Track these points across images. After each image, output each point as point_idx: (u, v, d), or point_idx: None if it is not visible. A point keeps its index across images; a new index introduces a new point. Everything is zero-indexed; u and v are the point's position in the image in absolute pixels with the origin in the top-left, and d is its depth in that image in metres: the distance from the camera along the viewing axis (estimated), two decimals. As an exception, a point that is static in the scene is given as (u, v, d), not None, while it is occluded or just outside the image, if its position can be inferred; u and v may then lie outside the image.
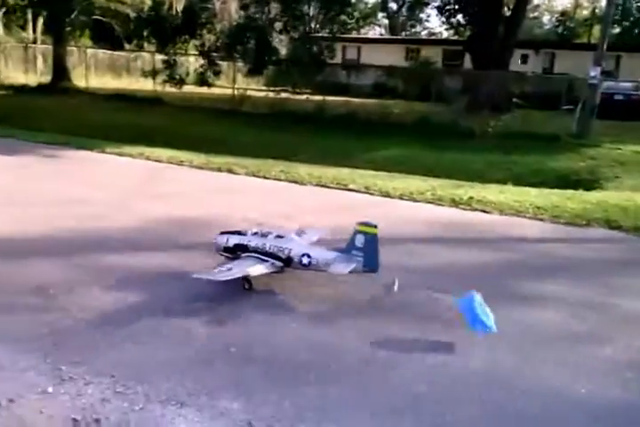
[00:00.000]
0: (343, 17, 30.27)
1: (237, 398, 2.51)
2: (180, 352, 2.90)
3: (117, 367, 2.71)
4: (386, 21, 48.85)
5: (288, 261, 3.71)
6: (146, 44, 29.69)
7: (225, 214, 5.63)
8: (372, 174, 8.05)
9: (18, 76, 21.55)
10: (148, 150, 9.20)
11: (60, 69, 19.94)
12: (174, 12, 25.73)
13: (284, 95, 17.28)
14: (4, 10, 25.38)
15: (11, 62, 23.31)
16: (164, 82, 18.06)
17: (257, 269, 3.63)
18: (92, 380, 2.59)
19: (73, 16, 25.01)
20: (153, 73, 18.94)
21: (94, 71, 22.36)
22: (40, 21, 26.96)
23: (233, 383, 2.64)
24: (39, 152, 8.80)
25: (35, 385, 2.52)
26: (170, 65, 18.31)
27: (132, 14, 28.15)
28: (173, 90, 17.96)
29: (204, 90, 18.11)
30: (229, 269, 3.56)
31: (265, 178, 7.72)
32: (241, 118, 14.92)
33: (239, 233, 3.95)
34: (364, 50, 28.86)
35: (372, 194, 6.85)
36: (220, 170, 8.12)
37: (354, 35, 37.30)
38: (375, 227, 3.55)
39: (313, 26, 24.97)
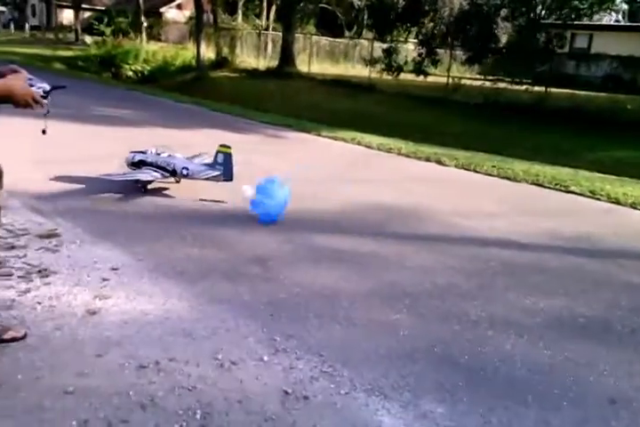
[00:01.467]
0: (575, 2, 27.75)
1: (442, 403, 2.42)
2: (384, 342, 2.89)
3: (326, 347, 2.79)
4: (625, 6, 43.63)
5: (174, 173, 5.15)
6: (365, 32, 30.55)
7: (431, 206, 5.53)
8: (599, 177, 7.27)
9: (250, 61, 23.65)
10: (359, 136, 9.44)
11: (286, 55, 21.39)
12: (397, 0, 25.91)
13: (500, 85, 16.46)
14: (244, -1, 27.90)
15: (245, 48, 25.65)
16: (382, 70, 18.32)
17: (147, 176, 5.07)
18: (302, 355, 2.70)
19: (302, 4, 26.65)
20: (371, 60, 19.34)
21: (316, 57, 23.60)
22: (273, 9, 29.11)
23: (436, 385, 2.55)
24: (264, 132, 9.55)
25: (253, 352, 2.70)
26: (389, 53, 18.51)
27: (356, 2, 29.06)
28: (387, 77, 18.15)
29: (418, 78, 18.01)
30: (124, 174, 5.12)
31: (475, 171, 7.43)
32: (453, 108, 14.58)
33: (143, 152, 5.31)
34: (597, 38, 26.11)
35: (597, 199, 6.18)
36: (428, 160, 8.02)
37: (585, 21, 33.99)
38: (230, 148, 4.98)
39: (540, 12, 23.28)
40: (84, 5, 37.06)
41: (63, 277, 3.28)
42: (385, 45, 19.62)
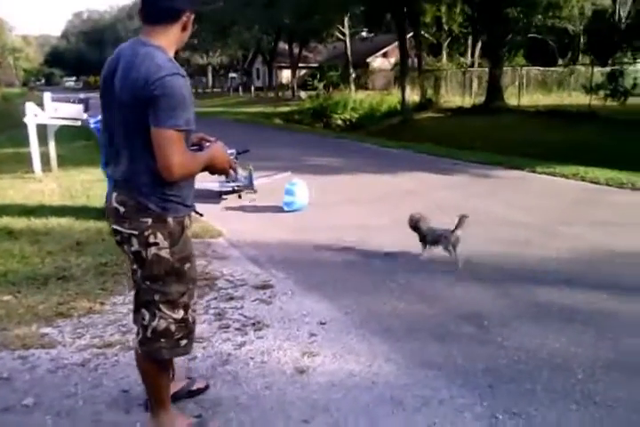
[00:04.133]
0: None
1: None
2: (637, 432, 2.33)
3: (560, 434, 2.33)
4: None
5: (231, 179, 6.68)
6: (581, 57, 28.37)
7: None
8: None
9: (455, 100, 23.41)
10: (582, 170, 8.50)
11: (493, 90, 20.67)
12: (618, 19, 23.66)
13: None
14: (449, 40, 27.96)
15: (450, 87, 25.52)
16: (605, 96, 16.62)
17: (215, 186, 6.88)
18: (531, 442, 2.28)
19: (509, 37, 25.80)
20: (592, 87, 17.70)
21: (525, 89, 22.44)
22: (478, 46, 28.65)
23: None
24: (472, 171, 9.13)
25: (471, 431, 2.36)
26: (613, 77, 16.74)
27: (570, 28, 27.25)
28: (612, 104, 16.37)
29: (649, 101, 15.94)
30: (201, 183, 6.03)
31: None
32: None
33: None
34: None
35: None
36: (673, 195, 6.84)
37: None
38: (250, 165, 6.84)
39: None
40: (300, 64, 40.70)
41: (275, 331, 3.31)
42: (607, 69, 17.85)
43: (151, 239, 2.03)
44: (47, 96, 8.93)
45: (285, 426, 2.41)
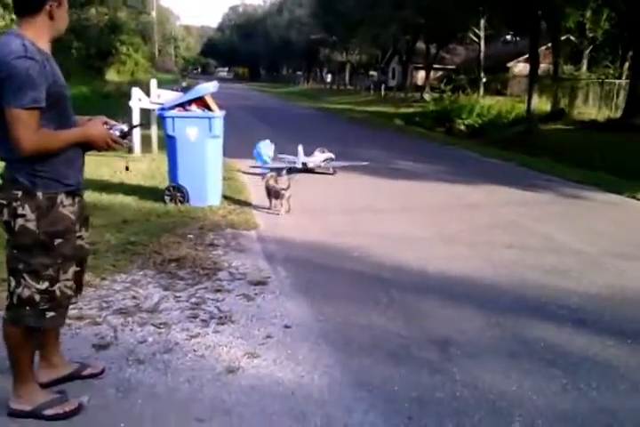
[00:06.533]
0: None
1: None
2: None
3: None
4: None
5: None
6: None
7: None
8: None
9: (591, 112, 21.60)
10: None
11: (633, 104, 18.80)
12: None
13: None
14: (590, 47, 25.84)
15: (591, 98, 23.58)
16: None
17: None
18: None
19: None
20: None
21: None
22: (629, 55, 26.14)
23: None
24: (561, 190, 8.43)
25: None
26: None
27: None
28: None
29: None
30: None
31: None
32: None
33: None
34: None
35: None
36: None
37: None
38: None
39: None
40: (436, 65, 39.88)
41: (235, 328, 3.35)
42: None
43: (19, 211, 2.19)
44: (153, 83, 9.67)
45: (177, 421, 2.45)
